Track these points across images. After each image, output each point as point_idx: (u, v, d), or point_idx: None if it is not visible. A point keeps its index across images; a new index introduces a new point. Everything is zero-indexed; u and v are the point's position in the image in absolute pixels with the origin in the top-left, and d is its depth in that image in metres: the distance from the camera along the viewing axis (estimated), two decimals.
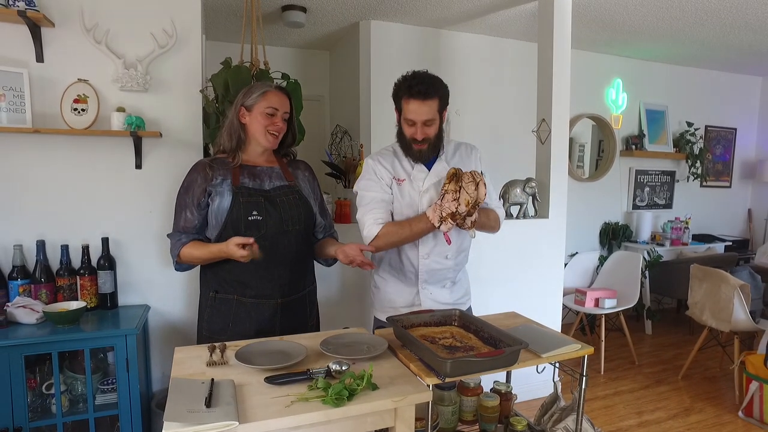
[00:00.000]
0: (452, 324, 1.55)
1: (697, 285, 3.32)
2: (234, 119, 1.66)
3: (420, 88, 1.63)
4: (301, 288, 1.77)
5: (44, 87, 2.09)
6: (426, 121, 1.67)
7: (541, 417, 1.71)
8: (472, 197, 1.58)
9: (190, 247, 1.65)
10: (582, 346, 1.46)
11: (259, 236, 1.59)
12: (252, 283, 1.66)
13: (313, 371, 1.23)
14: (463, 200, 1.59)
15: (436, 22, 3.75)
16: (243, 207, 1.61)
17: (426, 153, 1.74)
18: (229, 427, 1.01)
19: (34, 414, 1.91)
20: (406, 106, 1.67)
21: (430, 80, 1.66)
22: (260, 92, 1.65)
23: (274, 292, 1.68)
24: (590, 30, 3.88)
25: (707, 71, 5.13)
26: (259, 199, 1.64)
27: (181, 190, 1.69)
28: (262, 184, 1.68)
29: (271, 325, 1.68)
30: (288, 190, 1.71)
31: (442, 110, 1.72)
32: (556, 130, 3.08)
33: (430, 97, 1.64)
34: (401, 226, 1.71)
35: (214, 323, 1.69)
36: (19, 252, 2.04)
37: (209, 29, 3.61)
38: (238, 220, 1.60)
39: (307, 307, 1.81)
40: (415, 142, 1.71)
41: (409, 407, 1.19)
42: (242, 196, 1.62)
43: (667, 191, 5.10)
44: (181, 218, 1.66)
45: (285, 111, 1.68)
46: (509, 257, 2.98)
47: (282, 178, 1.73)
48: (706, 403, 3.03)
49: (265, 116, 1.65)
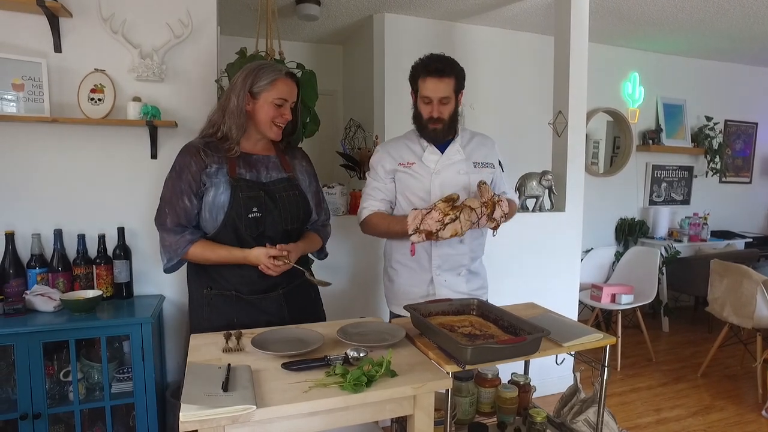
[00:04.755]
0: (470, 313, 1.53)
1: (717, 281, 3.24)
2: (240, 104, 1.51)
3: (437, 65, 1.69)
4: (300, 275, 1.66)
5: (62, 77, 2.09)
6: (442, 99, 1.71)
7: (561, 409, 1.68)
8: (464, 229, 1.55)
9: (200, 246, 1.51)
10: (604, 336, 1.43)
11: (257, 234, 1.52)
12: (250, 279, 1.56)
13: (330, 358, 1.22)
14: (451, 229, 1.55)
15: (451, 15, 3.72)
16: (243, 203, 1.50)
17: (441, 133, 1.76)
18: (247, 411, 0.99)
19: (52, 401, 1.92)
20: (423, 85, 1.71)
21: (447, 59, 1.73)
22: (270, 79, 1.51)
23: (276, 285, 1.60)
24: (607, 22, 3.82)
25: (727, 64, 5.02)
26: (259, 193, 1.53)
27: (171, 174, 1.53)
28: (259, 175, 1.57)
29: (281, 317, 1.60)
30: (287, 183, 1.61)
31: (457, 92, 1.75)
32: (573, 122, 3.03)
33: (447, 75, 1.69)
34: (383, 220, 1.80)
35: (215, 320, 1.56)
36: (37, 241, 2.06)
37: (223, 24, 3.61)
38: (237, 218, 1.49)
39: (312, 291, 1.74)
40: (431, 122, 1.74)
41: (429, 395, 1.17)
42: (241, 191, 1.50)
43: (685, 187, 5.01)
44: (178, 207, 1.51)
45: (293, 101, 1.58)
46: (525, 251, 2.94)
47: (279, 168, 1.62)
48: (728, 402, 2.97)
49: (273, 107, 1.53)
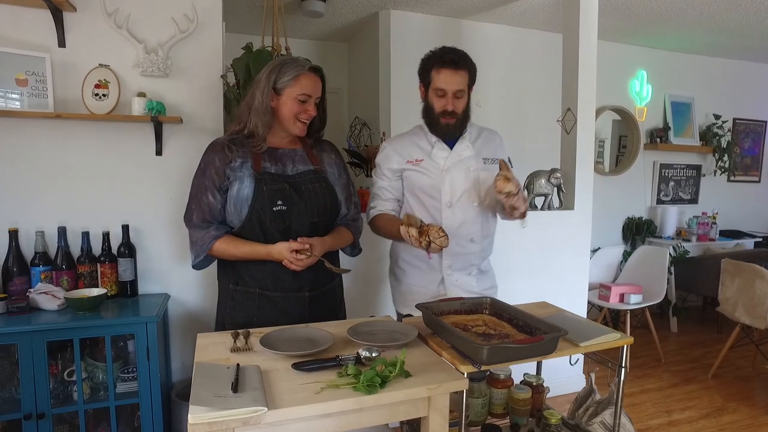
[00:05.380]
0: (483, 312, 1.49)
1: (729, 280, 3.20)
2: (265, 101, 1.50)
3: (452, 57, 1.64)
4: (331, 279, 1.67)
5: (66, 72, 2.07)
6: (457, 92, 1.66)
7: (575, 411, 1.64)
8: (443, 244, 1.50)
9: (224, 242, 1.50)
10: (621, 336, 1.39)
11: (284, 227, 1.51)
12: (276, 276, 1.54)
13: (342, 358, 1.18)
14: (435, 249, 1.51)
15: (457, 12, 3.68)
16: (267, 196, 1.48)
17: (453, 128, 1.72)
18: (258, 413, 0.96)
19: (57, 401, 1.89)
20: (437, 76, 1.66)
21: (462, 52, 1.68)
22: (293, 75, 1.50)
23: (302, 287, 1.58)
24: (614, 19, 3.78)
25: (736, 61, 4.97)
26: (284, 186, 1.51)
27: (197, 172, 1.55)
28: (285, 168, 1.56)
29: (301, 318, 1.57)
30: (314, 176, 1.59)
31: (470, 87, 1.71)
32: (582, 119, 2.99)
33: (462, 68, 1.65)
34: (388, 224, 1.74)
35: (237, 316, 1.57)
36: (41, 238, 2.03)
37: (228, 21, 3.57)
38: (262, 211, 1.48)
39: (337, 297, 1.73)
40: (444, 115, 1.69)
41: (444, 396, 1.13)
42: (265, 184, 1.49)
43: (693, 186, 4.96)
44: (202, 203, 1.51)
45: (318, 96, 1.56)
46: (534, 249, 2.90)
47: (306, 161, 1.60)
48: (740, 404, 2.92)
49: (297, 103, 1.51)
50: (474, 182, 1.74)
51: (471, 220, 1.75)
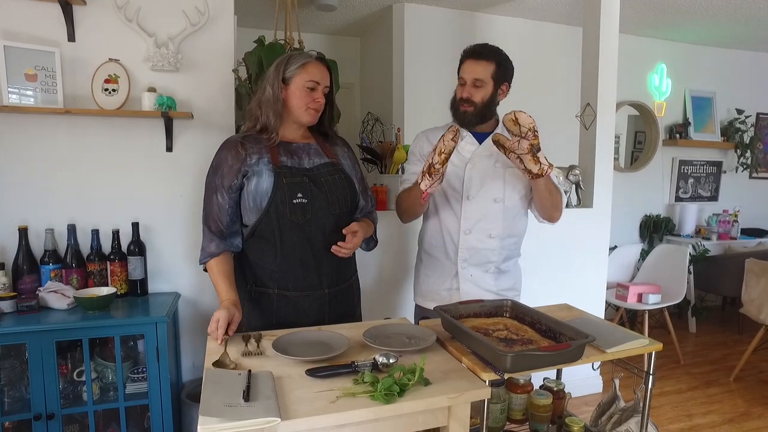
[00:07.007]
0: (504, 315, 1.43)
1: (754, 281, 3.10)
2: (276, 92, 1.50)
3: (475, 48, 1.68)
4: (349, 276, 1.65)
5: (75, 67, 2.03)
6: (475, 81, 1.66)
7: (598, 418, 1.57)
8: (447, 147, 1.44)
9: (215, 263, 1.52)
10: (650, 342, 1.32)
11: (303, 221, 1.49)
12: (296, 274, 1.52)
13: (358, 364, 1.13)
14: (437, 150, 1.46)
15: (472, 5, 3.60)
16: (287, 189, 1.47)
17: (470, 117, 1.69)
18: (271, 424, 0.91)
19: (66, 401, 1.87)
20: (461, 67, 1.70)
21: (489, 45, 1.71)
22: (299, 63, 1.50)
23: (322, 283, 1.55)
24: (634, 11, 3.67)
25: (760, 54, 4.81)
26: (303, 179, 1.50)
27: (210, 171, 1.54)
28: (302, 161, 1.54)
29: (320, 318, 1.54)
30: (332, 168, 1.57)
31: (498, 80, 1.68)
32: (602, 115, 2.90)
33: (483, 58, 1.66)
34: (407, 190, 1.70)
35: (253, 318, 1.54)
36: (50, 236, 2.00)
37: (240, 15, 3.53)
38: (282, 204, 1.47)
39: (355, 295, 1.70)
40: (461, 102, 1.69)
41: (465, 405, 1.08)
42: (285, 177, 1.48)
43: (713, 183, 4.83)
44: (212, 202, 1.51)
45: (326, 85, 1.55)
46: (551, 248, 2.83)
47: (321, 154, 1.58)
48: (765, 408, 2.82)
49: (305, 91, 1.50)
50: (500, 178, 1.70)
51: (492, 215, 1.70)
